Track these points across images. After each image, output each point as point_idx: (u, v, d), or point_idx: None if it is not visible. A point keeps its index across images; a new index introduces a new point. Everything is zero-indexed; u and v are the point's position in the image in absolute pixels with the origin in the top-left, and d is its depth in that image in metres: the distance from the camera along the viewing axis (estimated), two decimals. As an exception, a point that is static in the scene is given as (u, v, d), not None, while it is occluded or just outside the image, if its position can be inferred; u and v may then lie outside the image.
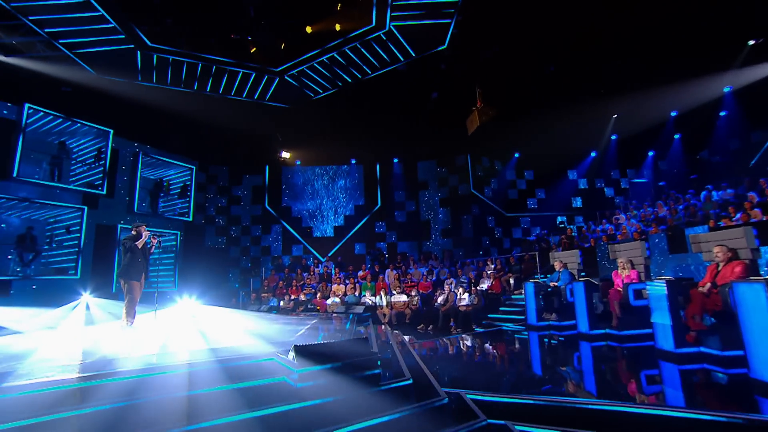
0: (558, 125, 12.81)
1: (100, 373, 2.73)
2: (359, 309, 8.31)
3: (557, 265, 9.26)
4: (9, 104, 9.99)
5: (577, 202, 15.83)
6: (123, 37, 7.68)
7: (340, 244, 15.74)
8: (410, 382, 3.23)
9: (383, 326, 8.76)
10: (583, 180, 16.08)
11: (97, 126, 11.51)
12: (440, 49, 9.24)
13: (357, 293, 12.00)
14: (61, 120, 10.84)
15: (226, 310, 8.51)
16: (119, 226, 12.06)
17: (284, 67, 9.26)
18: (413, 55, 9.31)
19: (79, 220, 11.14)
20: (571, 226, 14.21)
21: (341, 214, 16.07)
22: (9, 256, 10.26)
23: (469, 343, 7.87)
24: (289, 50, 8.78)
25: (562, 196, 15.72)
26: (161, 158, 13.51)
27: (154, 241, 6.26)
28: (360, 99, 12.27)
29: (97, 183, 11.58)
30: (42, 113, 10.51)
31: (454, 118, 12.73)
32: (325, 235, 15.94)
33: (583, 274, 9.15)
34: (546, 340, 7.44)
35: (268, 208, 16.07)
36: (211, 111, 12.53)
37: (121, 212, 12.29)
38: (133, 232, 6.13)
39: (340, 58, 9.16)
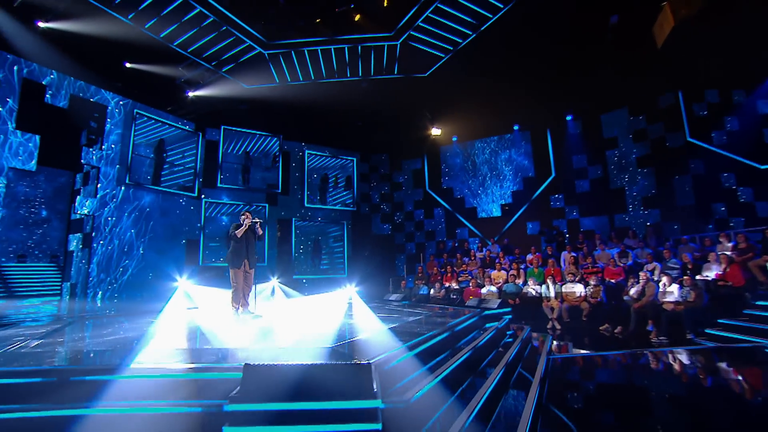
0: None
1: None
2: (493, 304, 6.64)
3: None
4: (212, 129, 12.51)
5: None
6: (247, 44, 8.33)
7: (509, 225, 13.76)
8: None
9: (513, 329, 6.77)
10: None
11: (269, 134, 13.32)
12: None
13: (521, 281, 10.08)
14: (245, 133, 12.99)
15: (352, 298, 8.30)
16: (293, 219, 13.66)
17: (398, 27, 8.27)
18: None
19: (264, 216, 13.11)
20: None
21: (508, 190, 14.01)
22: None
23: (679, 363, 5.18)
24: (395, 7, 7.76)
25: None
26: (324, 154, 14.69)
27: (256, 223, 6.29)
28: (508, 49, 10.07)
29: (274, 183, 13.40)
30: (233, 131, 12.81)
31: (646, 46, 9.05)
32: (490, 215, 14.24)
33: None
34: None
35: (429, 191, 15.49)
36: (358, 100, 12.72)
37: (296, 206, 13.88)
38: (241, 221, 6.35)
39: (457, -1, 7.53)
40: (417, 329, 4.03)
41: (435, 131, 13.87)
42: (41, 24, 8.74)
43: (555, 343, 6.65)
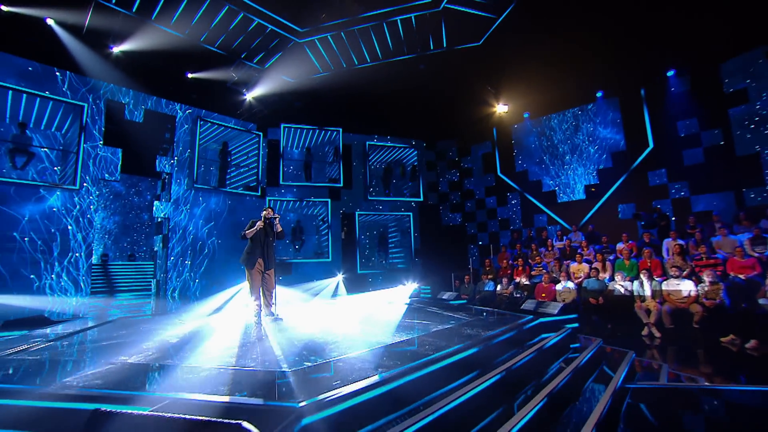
0: None
1: None
2: (552, 309, 5.30)
3: None
4: (273, 128, 12.77)
5: None
6: (281, 35, 8.08)
7: (595, 208, 11.78)
8: None
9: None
10: None
11: (329, 128, 13.16)
12: None
13: (606, 275, 8.42)
14: (304, 129, 13.03)
15: (392, 297, 7.60)
16: (357, 213, 13.38)
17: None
18: None
19: (327, 211, 13.07)
20: None
21: (593, 169, 11.97)
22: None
23: None
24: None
25: None
26: (387, 144, 14.13)
27: (275, 219, 5.89)
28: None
29: (336, 177, 13.25)
30: (291, 128, 12.93)
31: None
32: (572, 198, 12.34)
33: None
34: None
35: (502, 176, 14.04)
36: (417, 84, 12.01)
37: (359, 200, 13.58)
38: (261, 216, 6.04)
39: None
40: (426, 347, 3.24)
41: (502, 108, 12.42)
42: (115, 49, 9.60)
43: (644, 362, 5.18)
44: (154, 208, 10.58)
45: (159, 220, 10.92)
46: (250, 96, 11.67)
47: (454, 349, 3.05)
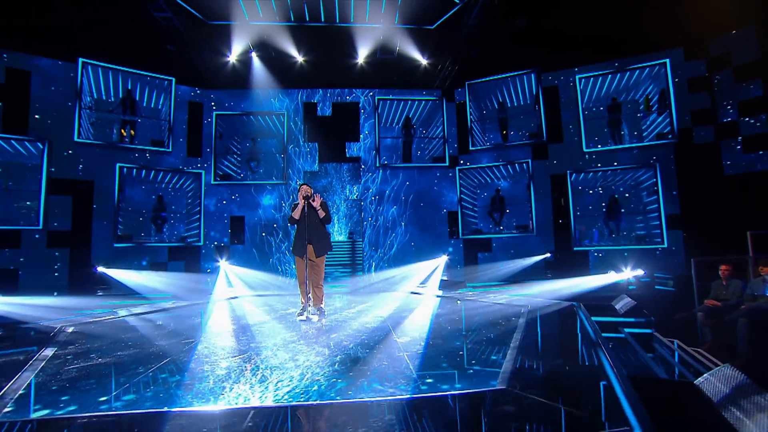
0: None
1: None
2: None
3: None
4: (459, 89, 11.34)
5: None
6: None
7: None
8: None
9: None
10: None
11: (522, 71, 10.55)
12: None
13: None
14: (493, 81, 10.94)
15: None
16: (569, 172, 10.24)
17: None
18: None
19: (529, 174, 10.61)
20: None
21: None
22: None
23: None
24: None
25: None
26: (607, 71, 10.10)
27: (308, 198, 4.78)
28: None
29: (539, 131, 10.49)
30: (478, 84, 11.10)
31: None
32: None
33: None
34: None
35: None
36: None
37: (574, 156, 10.37)
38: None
39: None
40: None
41: None
42: (298, 58, 10.62)
43: None
44: (347, 191, 11.42)
45: (353, 201, 11.68)
46: (424, 61, 10.70)
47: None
